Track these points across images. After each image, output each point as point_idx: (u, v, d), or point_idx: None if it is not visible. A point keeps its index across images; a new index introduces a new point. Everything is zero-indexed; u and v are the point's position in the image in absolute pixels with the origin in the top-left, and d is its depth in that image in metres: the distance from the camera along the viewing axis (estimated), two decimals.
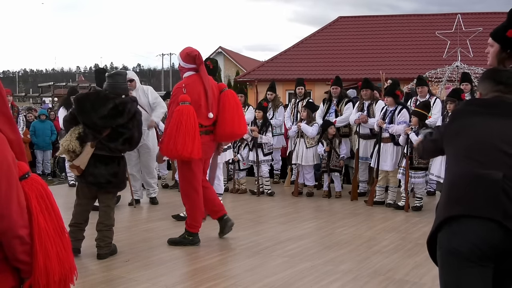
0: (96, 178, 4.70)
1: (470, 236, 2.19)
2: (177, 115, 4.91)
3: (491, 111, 2.38)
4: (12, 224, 1.66)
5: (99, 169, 4.69)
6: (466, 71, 11.58)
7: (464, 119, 2.45)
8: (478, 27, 16.50)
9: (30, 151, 11.36)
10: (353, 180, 8.14)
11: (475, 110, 2.45)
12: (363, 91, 8.10)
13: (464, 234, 2.21)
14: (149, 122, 7.22)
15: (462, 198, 2.25)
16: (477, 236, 2.17)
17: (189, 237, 5.29)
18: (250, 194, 8.33)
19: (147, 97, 7.32)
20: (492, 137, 2.29)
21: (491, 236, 2.16)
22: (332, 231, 5.99)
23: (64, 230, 1.84)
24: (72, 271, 1.84)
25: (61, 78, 63.97)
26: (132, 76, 7.43)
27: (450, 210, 2.28)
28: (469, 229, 2.20)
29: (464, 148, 2.37)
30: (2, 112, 1.77)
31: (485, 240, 2.17)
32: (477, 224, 2.18)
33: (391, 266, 4.62)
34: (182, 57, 5.21)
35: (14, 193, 1.66)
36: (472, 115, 2.43)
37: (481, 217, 2.18)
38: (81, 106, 4.70)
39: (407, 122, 7.16)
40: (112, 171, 4.75)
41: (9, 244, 1.68)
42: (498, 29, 3.04)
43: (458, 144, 2.40)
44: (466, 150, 2.35)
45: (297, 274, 4.39)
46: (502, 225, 2.13)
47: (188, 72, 5.20)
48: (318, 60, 22.54)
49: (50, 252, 1.74)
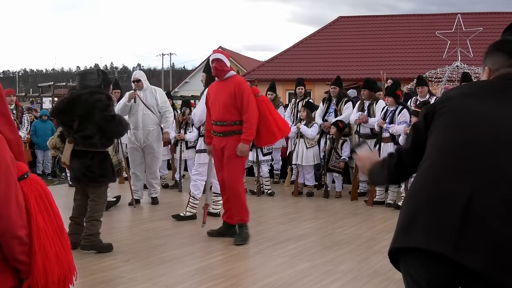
0: (74, 172, 5.00)
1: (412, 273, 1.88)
2: (262, 104, 5.43)
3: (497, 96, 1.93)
4: (11, 225, 1.66)
5: (74, 163, 4.96)
6: (466, 71, 11.59)
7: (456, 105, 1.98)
8: (478, 27, 16.51)
9: (30, 151, 11.37)
10: (353, 180, 8.14)
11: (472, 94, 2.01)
12: (362, 91, 8.13)
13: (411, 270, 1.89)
14: (163, 135, 7.45)
15: (414, 219, 1.86)
16: (418, 273, 1.86)
17: (246, 230, 5.47)
18: (250, 194, 8.33)
19: (154, 98, 7.38)
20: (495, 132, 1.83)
21: (435, 272, 1.81)
22: (332, 231, 6.00)
23: (64, 230, 1.83)
24: (71, 272, 1.83)
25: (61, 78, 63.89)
26: (139, 76, 7.44)
27: (399, 238, 1.93)
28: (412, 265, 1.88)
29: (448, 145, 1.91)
30: (1, 112, 1.77)
31: (427, 278, 1.83)
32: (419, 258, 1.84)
33: (391, 266, 4.54)
34: (228, 58, 5.56)
35: (13, 193, 1.66)
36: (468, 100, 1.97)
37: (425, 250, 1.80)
38: (54, 107, 5.47)
39: (407, 122, 7.16)
40: (86, 164, 4.90)
41: (8, 245, 1.68)
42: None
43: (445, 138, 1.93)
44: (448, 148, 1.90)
45: (297, 274, 4.39)
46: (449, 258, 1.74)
47: (232, 71, 5.54)
48: (318, 60, 22.55)
49: (49, 252, 1.73)
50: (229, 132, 5.38)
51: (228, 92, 5.35)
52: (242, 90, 5.32)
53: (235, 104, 5.32)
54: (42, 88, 29.61)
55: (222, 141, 5.43)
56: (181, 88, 37.47)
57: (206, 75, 6.35)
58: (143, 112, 7.26)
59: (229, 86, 5.38)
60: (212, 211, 6.65)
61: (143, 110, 7.28)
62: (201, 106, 6.14)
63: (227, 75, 5.45)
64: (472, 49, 15.79)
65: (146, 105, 7.30)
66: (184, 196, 7.77)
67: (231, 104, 5.33)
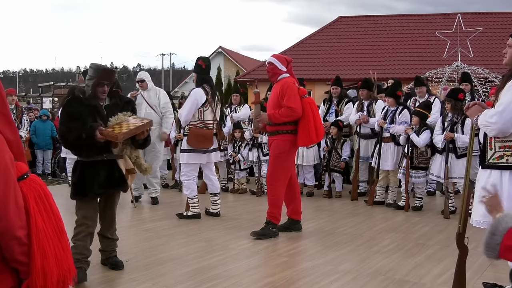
0: (118, 178, 4.41)
1: None
2: (307, 106, 5.53)
3: None
4: (10, 225, 1.65)
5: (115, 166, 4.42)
6: (466, 71, 11.59)
7: None
8: (478, 27, 16.51)
9: (30, 150, 11.37)
10: (353, 180, 8.14)
11: None
12: (360, 91, 8.14)
13: None
14: (161, 135, 7.51)
15: None
16: None
17: (273, 229, 5.63)
18: (250, 194, 8.33)
19: (158, 98, 7.52)
20: None
21: None
22: (332, 231, 5.99)
23: (63, 231, 1.82)
24: (70, 273, 1.83)
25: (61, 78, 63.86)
26: (143, 76, 7.54)
27: None
28: None
29: None
30: (2, 112, 1.77)
31: None
32: None
33: (391, 266, 4.62)
34: (280, 62, 5.69)
35: (12, 194, 1.66)
36: None
37: None
38: None
39: (408, 122, 7.16)
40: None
41: (7, 245, 1.68)
42: None
43: None
44: None
45: (297, 274, 4.39)
46: None
47: (285, 74, 5.68)
48: (318, 60, 22.55)
49: (48, 253, 1.73)
50: (275, 132, 5.65)
51: (276, 93, 5.63)
52: (286, 90, 5.52)
53: (280, 104, 5.54)
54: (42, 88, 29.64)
55: (270, 140, 5.80)
56: (181, 88, 37.46)
57: (196, 75, 6.45)
58: (145, 111, 7.34)
59: (277, 87, 5.65)
60: (212, 211, 6.67)
61: (146, 109, 7.39)
62: (188, 106, 6.20)
63: (279, 78, 5.67)
64: (472, 49, 15.78)
65: (149, 105, 7.39)
66: (184, 196, 7.75)
67: (277, 105, 5.56)
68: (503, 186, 3.38)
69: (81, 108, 4.11)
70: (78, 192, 4.20)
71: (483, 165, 3.57)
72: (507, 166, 3.36)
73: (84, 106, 4.12)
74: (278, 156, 5.61)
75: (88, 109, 4.12)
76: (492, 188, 2.41)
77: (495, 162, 3.43)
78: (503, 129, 3.35)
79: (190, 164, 6.39)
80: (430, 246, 5.34)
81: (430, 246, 5.34)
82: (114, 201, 4.46)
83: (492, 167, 3.45)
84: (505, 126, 3.34)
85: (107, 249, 4.50)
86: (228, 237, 5.58)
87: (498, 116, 3.34)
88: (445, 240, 5.56)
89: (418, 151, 6.99)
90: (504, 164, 3.38)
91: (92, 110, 4.14)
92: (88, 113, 4.10)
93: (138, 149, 4.44)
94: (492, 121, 3.37)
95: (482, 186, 3.57)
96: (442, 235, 5.80)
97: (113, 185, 4.27)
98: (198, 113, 6.26)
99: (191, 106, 6.17)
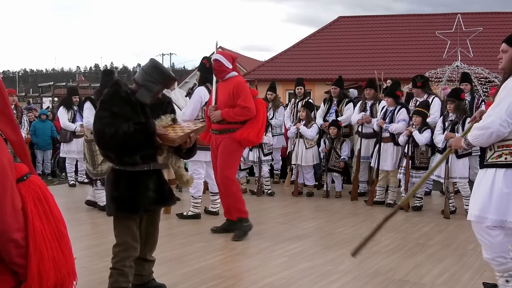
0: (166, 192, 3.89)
1: None
2: (259, 106, 5.55)
3: None
4: (6, 228, 1.63)
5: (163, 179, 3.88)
6: (466, 71, 11.58)
7: None
8: (478, 27, 16.50)
9: (30, 151, 11.36)
10: (354, 180, 8.13)
11: None
12: (367, 91, 8.08)
13: None
14: None
15: None
16: None
17: (246, 224, 5.57)
18: (250, 194, 8.33)
19: (184, 99, 7.29)
20: None
21: None
22: (332, 231, 5.99)
23: (64, 234, 1.79)
24: (70, 276, 1.78)
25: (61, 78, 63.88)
26: None
27: None
28: None
29: None
30: (4, 113, 1.75)
31: None
32: None
33: (391, 266, 4.61)
34: (227, 59, 5.58)
35: (8, 196, 1.63)
36: None
37: None
38: None
39: (406, 120, 7.17)
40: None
41: (4, 248, 1.65)
42: None
43: None
44: None
45: (297, 274, 4.39)
46: None
47: (233, 72, 5.61)
48: (318, 60, 22.54)
49: (45, 256, 1.70)
50: (226, 130, 5.53)
51: (227, 92, 5.50)
52: (239, 90, 5.46)
53: (232, 104, 5.47)
54: (42, 88, 29.62)
55: (218, 138, 5.62)
56: (181, 88, 37.40)
57: (199, 74, 6.45)
58: None
59: (228, 86, 5.52)
60: (211, 210, 6.68)
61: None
62: (192, 105, 6.19)
63: (227, 76, 5.58)
64: (472, 49, 15.77)
65: (178, 106, 7.11)
66: (184, 195, 7.76)
67: (229, 104, 5.48)
68: (495, 183, 3.41)
69: (126, 108, 3.50)
70: (126, 207, 3.55)
71: (481, 165, 3.60)
72: (504, 164, 3.40)
73: (130, 106, 3.51)
74: (230, 155, 5.53)
75: (134, 109, 3.52)
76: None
77: (493, 162, 3.46)
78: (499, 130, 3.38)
79: (195, 162, 6.38)
80: (430, 246, 5.33)
81: (430, 246, 5.33)
82: (158, 218, 3.88)
83: (490, 166, 3.48)
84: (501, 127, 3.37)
85: (145, 273, 3.88)
86: (228, 237, 5.57)
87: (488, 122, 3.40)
88: (445, 240, 5.56)
89: (419, 151, 6.99)
90: (502, 162, 3.41)
91: (137, 111, 3.53)
92: (133, 114, 3.50)
93: (181, 158, 3.86)
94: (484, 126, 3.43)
95: (475, 184, 3.62)
96: (442, 235, 5.80)
97: (164, 200, 3.74)
98: (201, 111, 6.25)
99: (195, 105, 6.14)
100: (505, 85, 3.49)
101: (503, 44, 3.56)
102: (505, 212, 3.40)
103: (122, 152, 3.46)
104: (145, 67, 3.68)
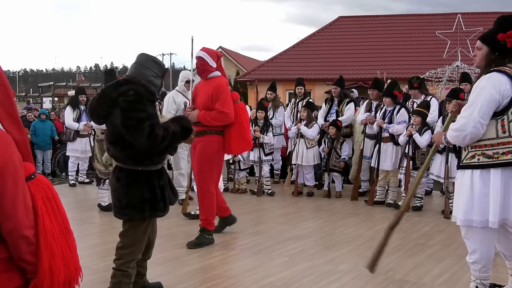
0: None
1: None
2: (240, 111, 5.22)
3: None
4: (18, 225, 1.67)
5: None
6: (466, 71, 11.59)
7: None
8: (478, 27, 16.51)
9: None
10: (355, 179, 8.13)
11: None
12: (370, 91, 8.08)
13: None
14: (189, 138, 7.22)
15: None
16: None
17: (208, 236, 5.31)
18: (250, 194, 8.33)
19: None
20: None
21: None
22: (332, 231, 6.00)
23: (70, 231, 1.84)
24: (77, 272, 1.85)
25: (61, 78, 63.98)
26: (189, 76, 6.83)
27: None
28: None
29: None
30: (10, 113, 1.78)
31: None
32: None
33: (391, 266, 4.62)
34: (211, 57, 5.21)
35: (20, 194, 1.67)
36: None
37: None
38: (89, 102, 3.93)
39: (406, 121, 7.17)
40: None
41: (15, 245, 1.69)
42: (487, 33, 3.47)
43: None
44: None
45: (297, 274, 4.39)
46: None
47: (216, 72, 5.26)
48: (318, 60, 22.56)
49: (56, 253, 1.75)
50: (202, 132, 5.20)
51: (207, 92, 5.16)
52: (219, 93, 5.11)
53: (210, 106, 5.13)
54: (42, 88, 29.62)
55: (196, 140, 5.27)
56: None
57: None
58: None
59: (209, 87, 5.17)
60: None
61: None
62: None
63: (210, 75, 5.24)
64: (472, 49, 15.78)
65: None
66: (184, 196, 7.74)
67: (207, 106, 5.15)
68: (474, 185, 3.41)
69: (153, 107, 3.42)
70: (159, 208, 3.49)
71: (458, 166, 3.61)
72: (477, 165, 3.41)
73: (154, 107, 3.43)
74: (208, 160, 5.19)
75: (155, 107, 3.46)
76: None
77: (468, 162, 3.47)
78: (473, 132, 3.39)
79: None
80: (430, 246, 5.34)
81: (430, 246, 5.34)
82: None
83: (466, 167, 3.49)
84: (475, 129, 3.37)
85: (144, 272, 3.89)
86: (228, 237, 5.58)
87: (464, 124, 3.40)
88: (445, 240, 5.57)
89: (420, 152, 6.99)
90: (475, 163, 3.42)
91: (156, 109, 3.50)
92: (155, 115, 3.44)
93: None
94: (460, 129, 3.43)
95: (456, 186, 3.63)
96: (442, 235, 5.80)
97: (176, 197, 3.72)
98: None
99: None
100: (477, 84, 3.51)
101: (478, 41, 3.57)
102: (486, 212, 3.38)
103: (164, 151, 3.43)
104: (143, 62, 3.62)
